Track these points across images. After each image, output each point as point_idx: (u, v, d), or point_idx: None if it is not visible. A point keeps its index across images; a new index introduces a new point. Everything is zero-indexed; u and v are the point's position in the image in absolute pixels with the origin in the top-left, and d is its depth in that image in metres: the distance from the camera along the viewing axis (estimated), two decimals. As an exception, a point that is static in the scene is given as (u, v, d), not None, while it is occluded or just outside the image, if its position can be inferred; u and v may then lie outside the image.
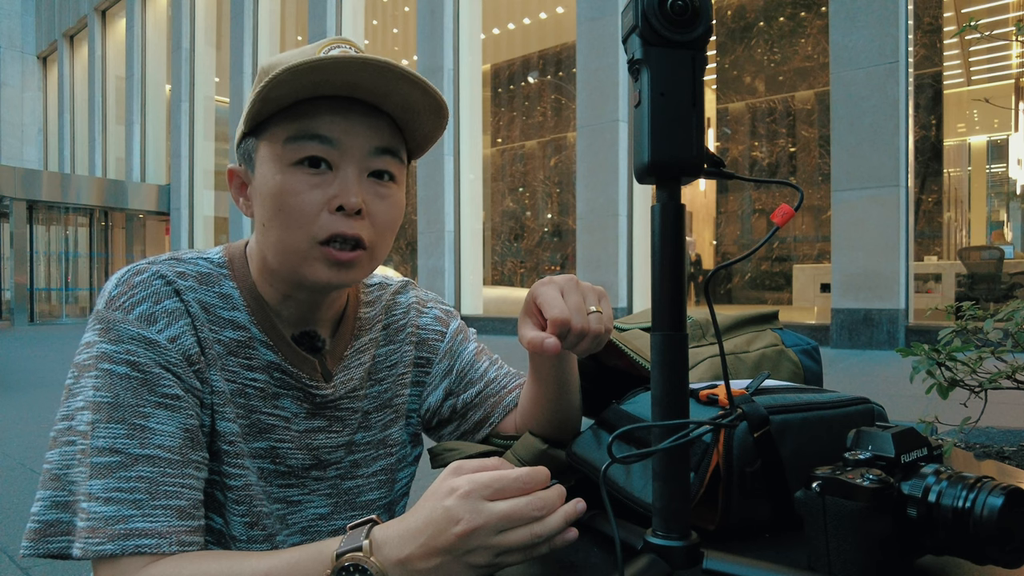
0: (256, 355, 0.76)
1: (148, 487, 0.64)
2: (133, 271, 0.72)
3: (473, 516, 0.54)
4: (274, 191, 0.71)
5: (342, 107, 0.71)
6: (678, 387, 0.51)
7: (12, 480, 3.26)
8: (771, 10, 13.29)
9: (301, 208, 0.70)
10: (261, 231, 0.74)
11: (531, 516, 0.56)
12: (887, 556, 0.51)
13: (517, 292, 13.31)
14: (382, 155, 0.74)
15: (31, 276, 15.29)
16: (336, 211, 0.71)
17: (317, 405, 0.80)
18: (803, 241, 13.13)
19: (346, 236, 0.71)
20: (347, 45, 0.74)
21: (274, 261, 0.74)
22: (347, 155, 0.72)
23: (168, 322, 0.70)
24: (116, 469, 0.64)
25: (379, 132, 0.73)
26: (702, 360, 0.94)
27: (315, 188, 0.71)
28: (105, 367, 0.66)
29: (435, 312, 0.94)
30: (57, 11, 20.06)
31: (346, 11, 11.35)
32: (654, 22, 0.48)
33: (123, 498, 0.63)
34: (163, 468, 0.66)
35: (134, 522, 0.63)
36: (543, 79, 15.49)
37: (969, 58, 14.16)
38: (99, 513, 0.63)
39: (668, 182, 0.50)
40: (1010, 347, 1.40)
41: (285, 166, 0.71)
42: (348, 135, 0.71)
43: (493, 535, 0.55)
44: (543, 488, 0.58)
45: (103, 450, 0.64)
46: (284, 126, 0.71)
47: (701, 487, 0.64)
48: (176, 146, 14.84)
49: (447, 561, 0.55)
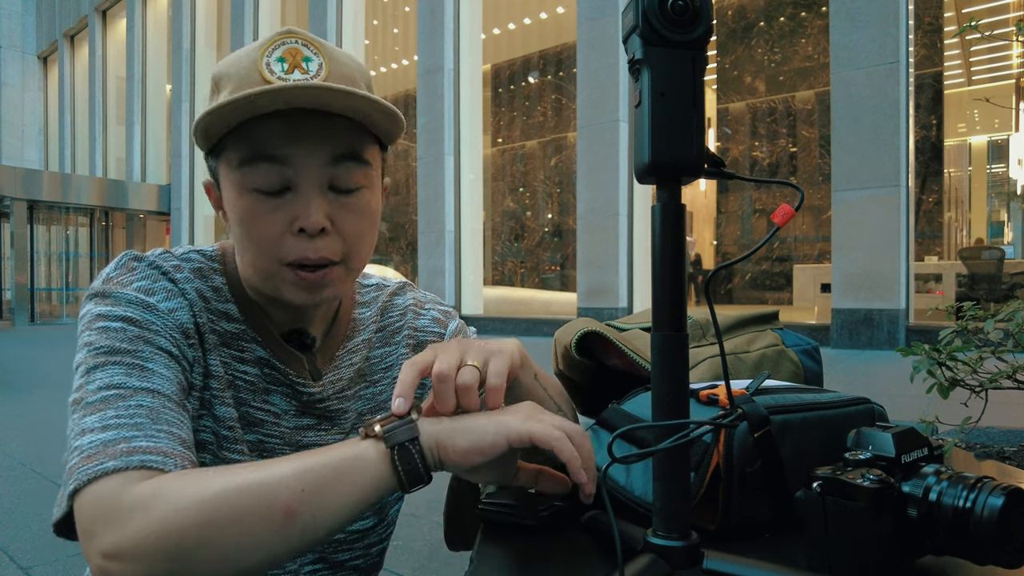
0: (248, 348, 0.76)
1: (149, 413, 0.61)
2: (130, 257, 0.72)
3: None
4: (238, 216, 0.70)
5: (291, 119, 0.68)
6: (678, 387, 0.51)
7: (12, 480, 3.26)
8: (771, 10, 13.28)
9: (264, 233, 0.69)
10: (237, 249, 0.74)
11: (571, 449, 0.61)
12: (887, 556, 0.51)
13: (517, 292, 13.32)
14: (342, 162, 0.70)
15: (32, 276, 15.29)
16: (299, 233, 0.69)
17: (305, 403, 0.79)
18: (803, 241, 13.13)
19: (309, 260, 0.69)
20: (292, 39, 0.70)
21: (254, 278, 0.74)
22: (303, 171, 0.69)
23: (167, 296, 0.70)
24: (114, 401, 0.61)
25: (334, 138, 0.70)
26: (702, 360, 0.94)
27: (275, 211, 0.69)
28: (100, 325, 0.65)
29: (433, 314, 0.93)
30: (57, 11, 20.06)
31: (346, 11, 11.35)
32: (654, 22, 0.48)
33: (123, 423, 0.59)
34: (163, 402, 0.63)
35: (137, 441, 0.58)
36: (543, 79, 15.48)
37: (970, 58, 14.15)
38: (96, 441, 0.57)
39: (668, 182, 0.50)
40: (1011, 347, 1.40)
41: (244, 190, 0.69)
42: (301, 149, 0.68)
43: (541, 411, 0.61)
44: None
45: (99, 389, 0.61)
46: (236, 148, 0.69)
47: (701, 487, 0.64)
48: (176, 146, 14.85)
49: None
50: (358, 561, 0.86)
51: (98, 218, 16.44)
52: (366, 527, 0.86)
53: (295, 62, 0.69)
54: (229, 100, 0.64)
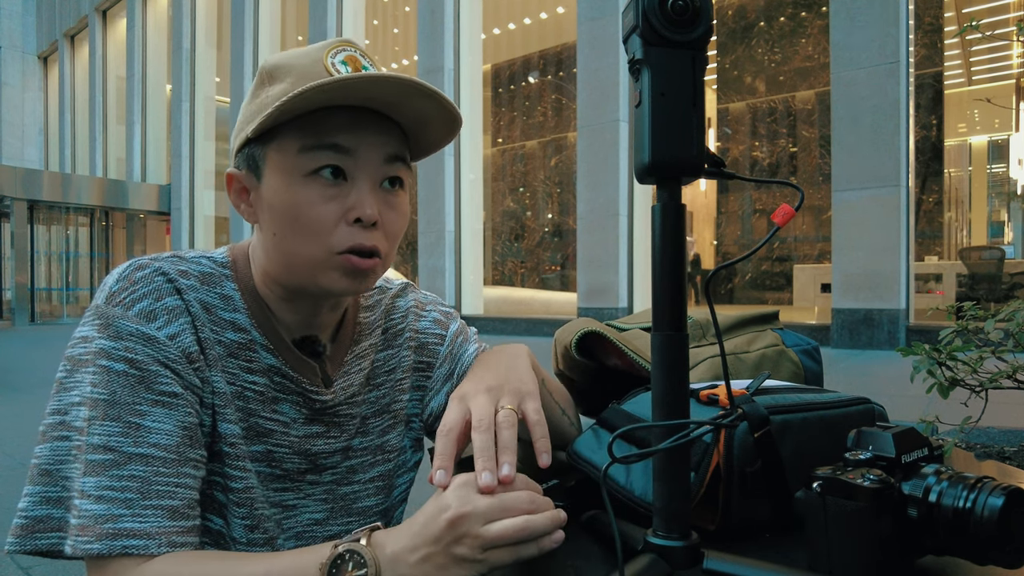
0: (256, 358, 0.75)
1: (140, 486, 0.64)
2: (135, 266, 0.71)
3: (463, 503, 0.56)
4: (287, 203, 0.70)
5: (356, 116, 0.71)
6: (678, 387, 0.51)
7: (13, 480, 3.26)
8: (771, 10, 13.28)
9: (318, 220, 0.70)
10: (271, 240, 0.73)
11: (522, 508, 0.57)
12: (887, 556, 0.51)
13: (518, 292, 13.32)
14: (394, 162, 0.74)
15: (32, 276, 15.29)
16: (354, 223, 0.71)
17: (316, 411, 0.79)
18: (804, 241, 13.12)
19: (364, 248, 0.71)
20: (351, 48, 0.74)
21: (282, 268, 0.74)
22: (362, 165, 0.72)
23: (168, 319, 0.69)
24: (109, 467, 0.64)
25: (390, 140, 0.74)
26: (702, 360, 0.94)
27: (331, 200, 0.71)
28: (103, 363, 0.66)
29: (434, 315, 0.93)
30: (58, 11, 20.06)
31: (347, 11, 11.35)
32: (655, 22, 0.48)
33: (114, 497, 0.63)
34: (157, 467, 0.65)
35: (123, 522, 0.62)
36: (543, 79, 15.48)
37: (970, 58, 14.14)
38: (89, 511, 0.63)
39: (668, 182, 0.51)
40: (1011, 347, 1.40)
41: (299, 176, 0.70)
42: (363, 145, 0.71)
43: (481, 523, 0.56)
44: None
45: (97, 447, 0.64)
46: (297, 135, 0.70)
47: (701, 487, 0.64)
48: (177, 146, 14.84)
49: (434, 552, 0.56)
50: None
51: (98, 218, 16.44)
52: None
53: (356, 67, 0.74)
54: (339, 79, 0.65)
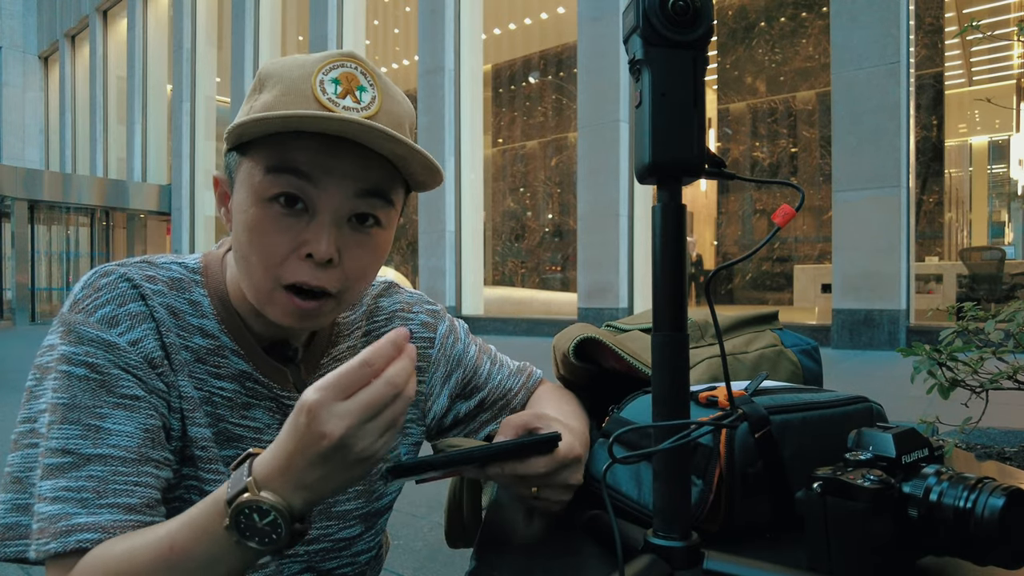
0: (226, 364, 0.73)
1: (97, 486, 0.63)
2: (100, 273, 0.70)
3: (335, 424, 0.53)
4: (246, 223, 0.68)
5: (329, 144, 0.66)
6: (679, 387, 0.51)
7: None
8: (772, 10, 13.27)
9: (269, 249, 0.67)
10: (235, 253, 0.71)
11: (391, 393, 0.55)
12: (887, 557, 0.51)
13: (518, 292, 13.31)
14: (368, 197, 0.69)
15: (32, 276, 15.30)
16: (306, 258, 0.67)
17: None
18: (804, 241, 13.12)
19: (309, 287, 0.67)
20: (351, 64, 0.69)
21: (245, 286, 0.72)
22: (326, 197, 0.67)
23: (131, 325, 0.68)
24: (67, 470, 0.63)
25: (367, 172, 0.68)
26: (700, 361, 0.93)
27: (286, 231, 0.67)
28: (64, 369, 0.65)
29: (421, 318, 0.90)
30: (58, 11, 20.06)
31: (347, 11, 11.35)
32: (655, 22, 0.48)
33: (70, 497, 0.62)
34: (115, 467, 0.64)
35: (77, 518, 0.61)
36: (544, 79, 15.48)
37: (970, 58, 14.14)
38: (45, 513, 0.62)
39: (669, 182, 0.50)
40: (1011, 347, 1.40)
41: (260, 199, 0.67)
42: (330, 175, 0.66)
43: (363, 427, 0.54)
44: (392, 357, 0.56)
45: (56, 451, 0.63)
46: (266, 152, 0.67)
47: (711, 493, 0.63)
48: (177, 146, 14.85)
49: (335, 467, 0.55)
50: (346, 569, 0.85)
51: (99, 218, 16.44)
52: (352, 535, 0.84)
53: (349, 88, 0.67)
54: (279, 115, 0.62)
